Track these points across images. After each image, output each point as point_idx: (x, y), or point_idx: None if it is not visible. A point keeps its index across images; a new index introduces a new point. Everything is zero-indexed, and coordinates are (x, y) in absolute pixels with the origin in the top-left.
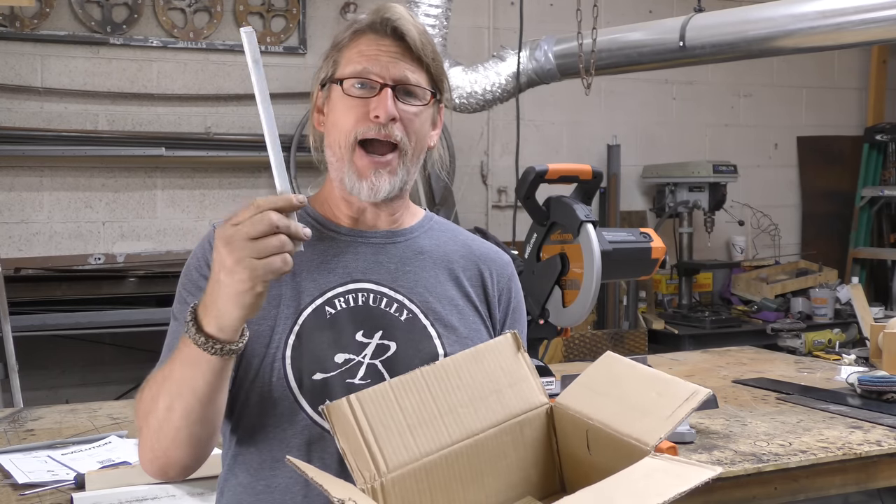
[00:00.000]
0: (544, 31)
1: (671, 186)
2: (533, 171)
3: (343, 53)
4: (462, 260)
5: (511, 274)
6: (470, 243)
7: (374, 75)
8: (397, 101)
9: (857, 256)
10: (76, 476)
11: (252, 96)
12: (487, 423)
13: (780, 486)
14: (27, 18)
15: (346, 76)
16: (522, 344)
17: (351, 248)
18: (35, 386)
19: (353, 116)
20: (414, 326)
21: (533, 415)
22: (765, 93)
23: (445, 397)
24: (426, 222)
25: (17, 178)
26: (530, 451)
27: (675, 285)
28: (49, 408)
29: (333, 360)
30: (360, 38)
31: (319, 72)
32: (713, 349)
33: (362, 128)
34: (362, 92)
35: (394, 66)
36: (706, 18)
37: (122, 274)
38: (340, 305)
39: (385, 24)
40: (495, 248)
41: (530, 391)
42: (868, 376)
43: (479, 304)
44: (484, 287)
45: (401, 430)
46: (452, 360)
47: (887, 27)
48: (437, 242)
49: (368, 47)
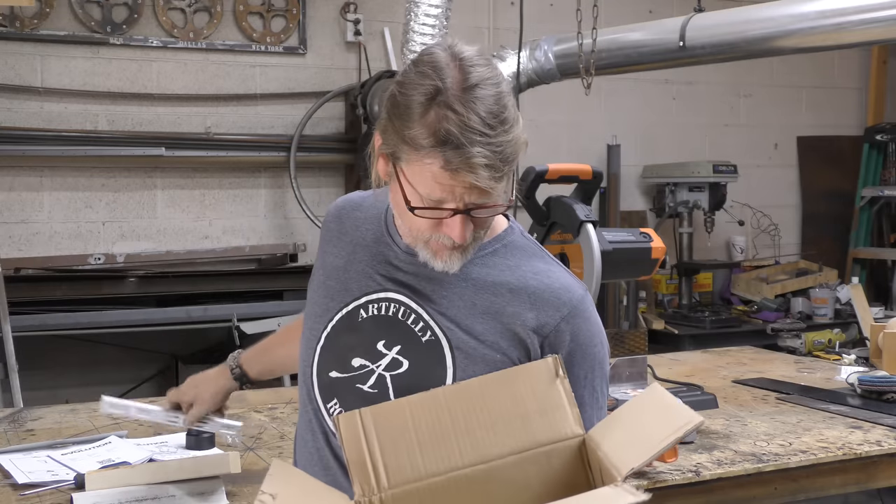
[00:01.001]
0: (544, 31)
1: (671, 186)
2: (533, 171)
3: (413, 156)
4: (509, 295)
5: (568, 315)
6: (528, 279)
7: (449, 205)
8: (471, 217)
9: (857, 256)
10: (76, 476)
11: (252, 96)
12: (507, 450)
13: (780, 486)
14: (27, 18)
15: (417, 203)
16: (562, 370)
17: (400, 258)
18: (35, 386)
19: (427, 226)
20: (432, 350)
21: (562, 446)
22: (765, 93)
23: (464, 418)
24: (494, 243)
25: (17, 178)
26: (561, 486)
27: (675, 285)
28: (49, 408)
29: (351, 362)
30: (436, 162)
31: (382, 131)
32: (713, 349)
33: (436, 235)
34: (436, 212)
35: (469, 195)
36: (706, 18)
37: (122, 274)
38: (373, 311)
39: (462, 166)
40: (555, 287)
41: (563, 421)
42: (868, 376)
43: (507, 347)
44: (525, 329)
45: (409, 448)
46: (479, 380)
47: (887, 27)
48: (490, 270)
49: (444, 180)
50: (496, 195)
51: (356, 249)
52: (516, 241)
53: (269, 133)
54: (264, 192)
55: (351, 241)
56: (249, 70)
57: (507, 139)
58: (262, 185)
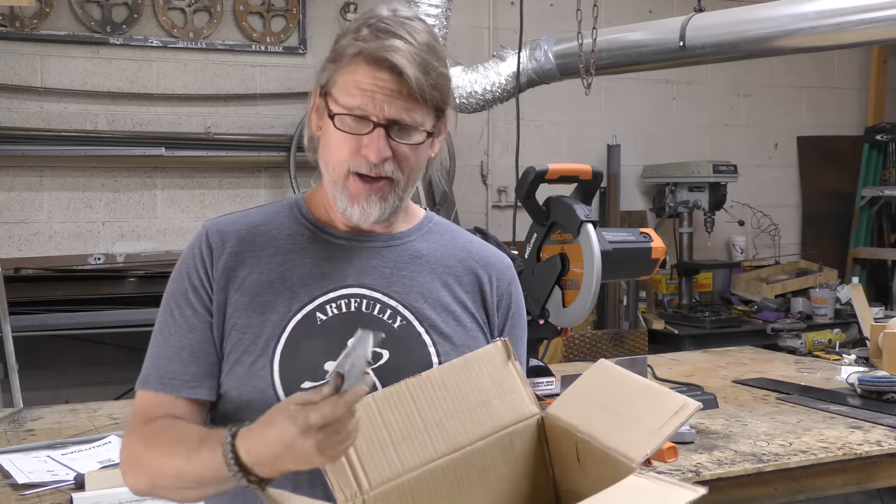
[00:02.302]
0: (544, 31)
1: (671, 186)
2: (533, 171)
3: (340, 72)
4: (460, 264)
5: (511, 278)
6: (469, 246)
7: (368, 113)
8: (391, 138)
9: (857, 256)
10: (76, 476)
11: (252, 96)
12: (475, 436)
13: (780, 486)
14: (27, 18)
15: (339, 111)
16: (513, 352)
17: (346, 253)
18: (35, 386)
19: (347, 149)
20: (408, 334)
21: (523, 426)
22: (765, 93)
23: (431, 410)
24: (425, 224)
25: (17, 178)
26: (521, 463)
27: (675, 285)
28: (49, 408)
29: (324, 368)
30: (358, 65)
31: (318, 75)
32: (713, 349)
33: (355, 162)
34: (355, 127)
35: (389, 105)
36: (706, 18)
37: (122, 274)
38: (332, 311)
39: (381, 60)
40: (495, 252)
41: (520, 402)
42: (868, 376)
43: (475, 311)
44: (482, 292)
45: (384, 446)
46: (439, 370)
47: (887, 27)
48: (434, 246)
49: (365, 79)
50: (418, 120)
51: (291, 257)
52: (440, 221)
53: (269, 133)
54: (264, 192)
55: (276, 252)
56: (249, 70)
57: (433, 60)
58: (262, 185)
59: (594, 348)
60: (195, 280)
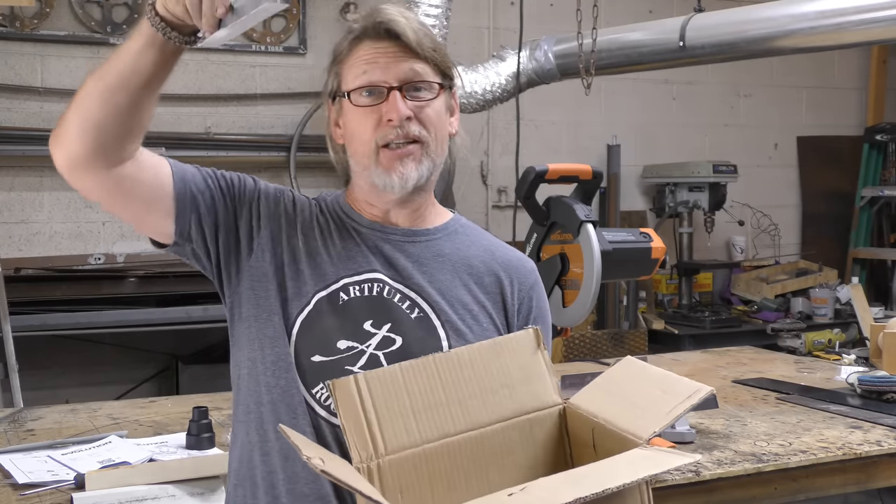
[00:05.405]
0: (544, 31)
1: (671, 186)
2: (533, 171)
3: (345, 64)
4: (482, 265)
5: (534, 282)
6: (493, 249)
7: (379, 80)
8: (407, 99)
9: (857, 256)
10: (76, 476)
11: (252, 96)
12: (495, 417)
13: (780, 486)
14: (27, 18)
15: (351, 88)
16: (544, 341)
17: (371, 242)
18: (35, 386)
19: (370, 125)
20: (424, 325)
21: (545, 414)
22: (764, 93)
23: (455, 386)
24: (451, 225)
25: (17, 178)
26: (540, 450)
27: (675, 285)
28: (49, 408)
29: (336, 345)
30: (358, 47)
31: (326, 86)
32: (713, 349)
33: (381, 133)
34: (371, 99)
35: (395, 66)
36: (706, 18)
37: (122, 274)
38: (354, 293)
39: (378, 28)
40: (519, 256)
41: (545, 390)
42: (868, 376)
43: (494, 313)
44: (502, 295)
45: (404, 414)
46: (468, 349)
47: (887, 27)
48: (457, 246)
49: (367, 53)
50: (426, 74)
51: (326, 236)
52: (466, 223)
53: (269, 133)
54: None
55: (313, 228)
56: (249, 70)
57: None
58: None
59: (594, 348)
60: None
